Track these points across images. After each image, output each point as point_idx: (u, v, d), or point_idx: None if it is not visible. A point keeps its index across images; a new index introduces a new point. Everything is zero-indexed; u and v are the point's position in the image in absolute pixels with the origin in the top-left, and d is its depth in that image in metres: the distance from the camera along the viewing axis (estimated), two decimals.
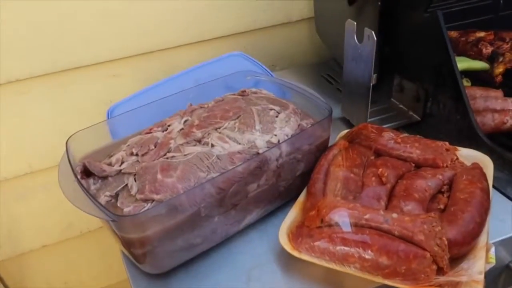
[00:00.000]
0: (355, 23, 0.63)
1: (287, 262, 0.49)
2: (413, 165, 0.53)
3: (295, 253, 0.44)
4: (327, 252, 0.43)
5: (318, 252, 0.43)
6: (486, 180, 0.48)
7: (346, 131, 0.60)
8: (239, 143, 0.50)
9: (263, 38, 1.01)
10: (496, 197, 0.53)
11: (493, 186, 0.55)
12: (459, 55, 0.83)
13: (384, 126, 0.69)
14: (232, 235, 0.52)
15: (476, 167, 0.49)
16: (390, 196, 0.48)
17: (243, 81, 0.70)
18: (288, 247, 0.45)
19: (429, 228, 0.40)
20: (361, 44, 0.62)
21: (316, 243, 0.43)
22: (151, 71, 0.91)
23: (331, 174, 0.50)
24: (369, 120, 0.70)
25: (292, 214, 0.49)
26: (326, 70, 0.93)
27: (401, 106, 0.72)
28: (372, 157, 0.54)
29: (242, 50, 0.99)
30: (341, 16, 0.81)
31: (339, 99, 0.75)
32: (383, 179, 0.49)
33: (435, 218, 0.41)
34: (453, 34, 0.89)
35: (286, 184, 0.52)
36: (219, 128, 0.52)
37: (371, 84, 0.62)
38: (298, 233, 0.45)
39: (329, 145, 0.56)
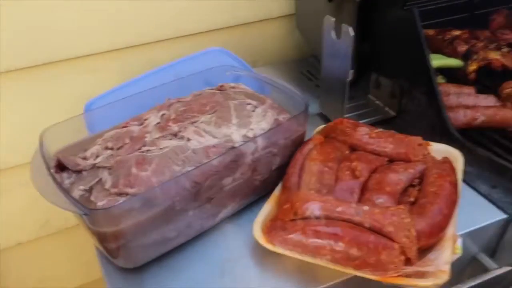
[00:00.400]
0: (333, 19, 0.63)
1: (262, 255, 0.49)
2: (387, 159, 0.54)
3: (268, 246, 0.45)
4: (300, 245, 0.43)
5: (291, 245, 0.44)
6: (455, 174, 0.49)
7: (322, 126, 0.61)
8: (215, 137, 0.50)
9: (244, 34, 1.01)
10: (465, 191, 0.55)
11: (463, 180, 0.56)
12: (435, 52, 0.85)
13: (361, 121, 0.70)
14: (208, 229, 0.52)
15: (446, 161, 0.51)
16: (363, 189, 0.49)
17: (223, 76, 0.70)
18: (262, 240, 0.46)
19: (399, 220, 0.41)
20: (338, 40, 0.63)
21: (290, 236, 0.44)
22: (131, 65, 0.90)
23: (306, 168, 0.51)
24: (346, 115, 0.71)
25: (267, 208, 0.50)
26: (306, 67, 0.94)
27: (377, 102, 0.73)
28: (347, 152, 0.54)
29: (224, 46, 0.99)
30: (321, 13, 0.81)
31: (318, 95, 0.76)
32: (357, 173, 0.50)
33: (404, 210, 0.42)
34: (430, 31, 0.91)
35: (262, 178, 0.53)
36: (196, 122, 0.52)
37: (348, 80, 0.63)
38: (272, 226, 0.46)
39: (306, 139, 0.57)
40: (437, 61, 0.76)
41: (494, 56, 0.77)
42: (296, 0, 0.97)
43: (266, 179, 0.53)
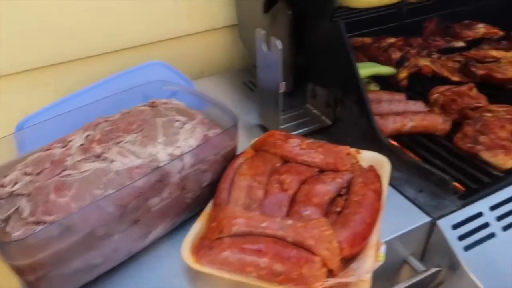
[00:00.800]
0: (264, 31, 0.64)
1: (195, 275, 0.48)
2: (317, 169, 0.55)
3: (197, 266, 0.44)
4: (227, 263, 0.43)
5: (218, 264, 0.43)
6: (380, 182, 0.50)
7: (257, 139, 0.61)
8: (140, 157, 0.49)
9: (190, 44, 1.00)
10: (393, 196, 0.57)
11: (392, 185, 0.58)
12: (371, 59, 0.88)
13: (299, 130, 0.72)
14: (139, 251, 0.51)
15: (371, 170, 0.52)
16: (292, 201, 0.49)
17: (161, 91, 0.69)
18: (190, 260, 0.45)
19: (319, 233, 0.42)
20: (269, 53, 0.63)
21: (216, 255, 0.43)
22: (70, 81, 0.87)
23: (236, 184, 0.50)
24: (285, 125, 0.72)
25: (197, 226, 0.49)
26: (249, 77, 0.94)
27: (315, 111, 0.74)
28: (279, 164, 0.55)
29: (169, 57, 0.98)
30: (259, 24, 0.82)
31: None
32: (285, 185, 0.50)
33: (325, 223, 0.43)
34: (367, 40, 0.94)
35: (193, 195, 0.52)
36: (120, 142, 0.51)
37: (281, 92, 0.63)
38: (200, 246, 0.45)
39: (238, 153, 0.57)
40: (371, 69, 0.79)
41: (424, 62, 0.80)
42: (237, 10, 0.97)
43: (198, 196, 0.53)
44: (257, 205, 0.49)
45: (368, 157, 0.57)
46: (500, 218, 0.54)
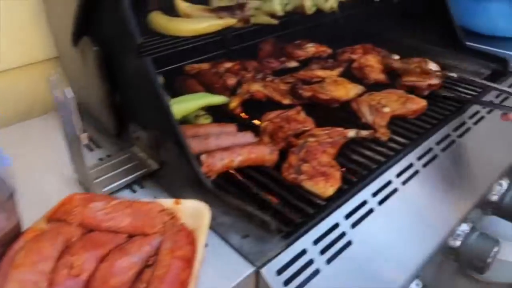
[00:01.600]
0: (54, 77, 0.54)
1: None
2: (126, 235, 0.47)
3: None
4: None
5: None
6: (192, 243, 0.45)
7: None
8: None
9: (10, 80, 0.86)
10: (219, 245, 0.52)
11: (218, 233, 0.54)
12: (207, 88, 0.84)
13: (125, 178, 0.64)
14: None
15: (181, 229, 0.47)
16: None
17: None
18: None
19: None
20: (65, 101, 0.54)
21: None
22: None
23: (11, 278, 0.40)
24: (108, 175, 0.64)
25: None
26: None
27: (141, 154, 0.67)
28: (75, 239, 0.46)
29: None
30: (74, 58, 0.72)
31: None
32: (75, 270, 0.41)
33: None
34: (205, 66, 0.90)
35: None
36: None
37: (83, 144, 0.54)
38: None
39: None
40: (201, 100, 0.74)
41: (256, 88, 0.79)
42: (56, 43, 0.86)
43: None
44: None
45: (189, 207, 0.51)
46: (323, 251, 0.53)
